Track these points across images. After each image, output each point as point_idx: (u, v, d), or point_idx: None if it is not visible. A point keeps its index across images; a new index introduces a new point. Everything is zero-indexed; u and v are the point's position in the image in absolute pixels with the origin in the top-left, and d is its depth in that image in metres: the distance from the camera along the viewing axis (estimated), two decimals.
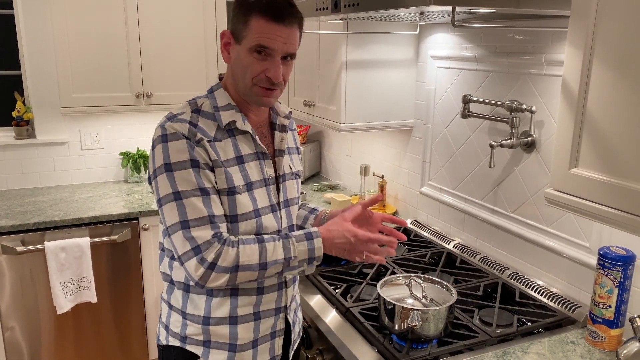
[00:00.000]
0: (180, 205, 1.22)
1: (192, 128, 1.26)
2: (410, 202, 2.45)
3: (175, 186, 1.22)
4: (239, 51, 1.27)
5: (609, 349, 1.43)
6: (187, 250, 1.22)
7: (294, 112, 2.80)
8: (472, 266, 1.93)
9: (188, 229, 1.22)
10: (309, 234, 1.31)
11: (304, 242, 1.29)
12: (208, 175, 1.25)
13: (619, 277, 1.39)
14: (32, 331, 2.63)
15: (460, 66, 2.03)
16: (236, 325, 1.35)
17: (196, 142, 1.25)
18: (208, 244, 1.22)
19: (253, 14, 1.23)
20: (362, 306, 1.60)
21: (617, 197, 1.03)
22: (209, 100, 1.34)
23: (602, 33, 1.03)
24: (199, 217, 1.22)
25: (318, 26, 2.40)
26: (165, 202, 1.24)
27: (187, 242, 1.21)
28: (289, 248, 1.28)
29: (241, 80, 1.29)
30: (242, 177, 1.31)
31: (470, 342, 1.42)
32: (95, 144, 3.19)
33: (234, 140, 1.32)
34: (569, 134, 1.12)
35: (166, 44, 2.91)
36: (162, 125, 1.26)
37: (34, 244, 2.52)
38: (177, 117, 1.27)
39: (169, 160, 1.23)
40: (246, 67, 1.27)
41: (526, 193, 1.79)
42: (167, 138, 1.24)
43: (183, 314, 1.36)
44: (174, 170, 1.23)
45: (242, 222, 1.30)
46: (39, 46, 2.95)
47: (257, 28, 1.23)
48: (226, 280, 1.23)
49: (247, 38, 1.24)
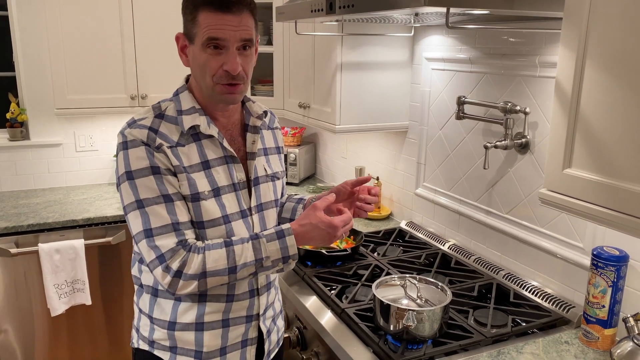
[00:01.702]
0: (144, 214, 1.20)
1: (152, 134, 1.23)
2: (405, 204, 2.45)
3: (137, 194, 1.20)
4: (194, 51, 1.24)
5: (603, 348, 1.43)
6: (153, 259, 1.20)
7: (289, 113, 2.80)
8: (466, 267, 1.93)
9: (151, 238, 1.20)
10: (280, 232, 1.26)
11: (275, 242, 1.25)
12: (171, 181, 1.23)
13: (613, 277, 1.40)
14: (26, 334, 2.61)
15: (455, 68, 2.03)
16: (202, 331, 1.32)
17: (155, 148, 1.22)
18: (172, 252, 1.19)
19: (199, 9, 1.21)
20: (357, 307, 1.61)
21: (610, 197, 1.04)
22: (174, 103, 1.30)
23: (595, 35, 1.04)
24: (162, 225, 1.20)
25: (313, 28, 2.41)
26: (129, 210, 1.22)
27: (152, 250, 1.20)
28: (259, 249, 1.24)
29: (202, 81, 1.26)
30: (209, 183, 1.27)
31: (465, 343, 1.42)
32: (90, 145, 3.18)
33: (198, 145, 1.28)
34: (562, 135, 1.13)
35: (161, 46, 2.90)
36: (122, 132, 1.24)
37: (28, 246, 2.51)
38: (137, 123, 1.24)
39: (130, 168, 1.21)
40: (203, 66, 1.23)
41: (520, 194, 1.79)
42: (127, 145, 1.22)
43: (150, 318, 1.34)
44: (135, 178, 1.20)
45: (210, 228, 1.27)
46: (33, 48, 2.94)
47: (205, 21, 1.20)
48: (196, 287, 1.21)
49: (198, 35, 1.22)
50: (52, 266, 2.50)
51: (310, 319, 1.64)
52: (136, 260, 1.37)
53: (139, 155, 1.21)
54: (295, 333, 1.77)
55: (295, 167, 3.13)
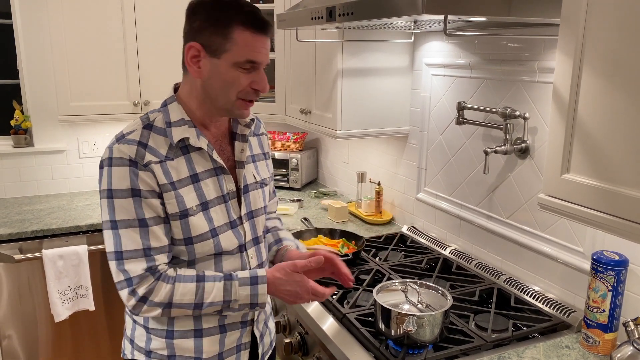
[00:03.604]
0: (116, 235, 1.19)
1: (141, 149, 1.20)
2: (407, 209, 2.46)
3: (113, 214, 1.19)
4: (217, 66, 1.20)
5: (604, 353, 1.44)
6: (120, 281, 1.21)
7: (291, 119, 2.81)
8: (467, 272, 1.94)
9: (121, 261, 1.19)
10: (254, 279, 1.27)
11: (247, 287, 1.26)
12: (151, 204, 1.20)
13: (613, 282, 1.40)
14: (30, 339, 2.63)
15: (455, 74, 2.05)
16: (201, 338, 1.31)
17: (144, 165, 1.19)
18: (140, 277, 1.19)
19: (235, 26, 1.17)
20: (358, 312, 1.61)
21: (608, 202, 1.04)
22: (162, 114, 1.27)
23: (592, 40, 1.05)
24: (133, 249, 1.19)
25: (314, 35, 2.42)
26: (105, 228, 1.21)
27: (120, 273, 1.20)
28: (230, 290, 1.24)
29: (222, 95, 1.23)
30: (197, 197, 1.26)
31: (466, 347, 1.43)
32: (93, 152, 3.20)
33: (187, 158, 1.26)
34: (560, 140, 1.14)
35: (163, 53, 2.92)
36: (110, 147, 1.21)
37: (31, 252, 2.53)
38: (126, 138, 1.21)
39: (111, 186, 1.19)
40: (231, 83, 1.21)
41: (520, 199, 1.80)
42: (112, 162, 1.19)
43: (146, 328, 1.33)
44: (114, 197, 1.19)
45: (198, 243, 1.27)
46: (37, 55, 2.97)
47: (243, 41, 1.18)
48: (159, 314, 1.22)
49: (230, 52, 1.18)
50: (56, 272, 2.52)
51: (312, 324, 1.65)
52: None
53: (121, 175, 1.18)
54: (296, 338, 1.77)
55: (297, 172, 3.14)
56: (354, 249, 2.08)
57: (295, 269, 1.30)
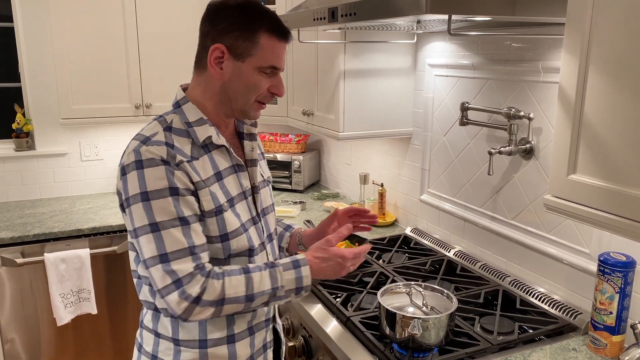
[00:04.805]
0: (158, 237, 1.14)
1: (170, 150, 1.18)
2: (410, 210, 2.45)
3: (152, 217, 1.14)
4: (240, 68, 1.22)
5: (611, 355, 1.42)
6: (168, 284, 1.14)
7: (293, 120, 2.81)
8: (472, 274, 1.92)
9: (168, 263, 1.14)
10: (296, 262, 1.25)
11: (291, 271, 1.24)
12: (189, 202, 1.18)
13: (620, 283, 1.38)
14: (32, 343, 2.62)
15: (458, 74, 2.03)
16: (234, 343, 1.30)
17: (176, 165, 1.17)
18: (190, 276, 1.15)
19: (262, 31, 1.20)
20: (362, 315, 1.60)
21: (615, 203, 1.03)
22: (178, 115, 1.26)
23: (598, 40, 1.04)
24: (179, 249, 1.15)
25: (316, 36, 2.41)
26: (142, 233, 1.16)
27: (167, 275, 1.14)
28: (276, 277, 1.22)
29: (242, 97, 1.25)
30: (224, 194, 1.26)
31: (472, 350, 1.41)
32: (95, 155, 3.20)
33: (210, 157, 1.26)
34: (566, 141, 1.13)
35: (165, 55, 2.92)
36: (136, 150, 1.17)
37: (33, 256, 2.52)
38: (152, 140, 1.18)
39: (146, 188, 1.14)
40: (252, 86, 1.24)
41: (525, 200, 1.79)
42: (143, 164, 1.15)
43: (175, 341, 1.28)
44: (151, 199, 1.14)
45: (233, 239, 1.26)
46: (38, 59, 2.96)
47: (269, 47, 1.21)
48: (211, 314, 1.18)
49: (256, 57, 1.21)
50: (58, 276, 2.51)
51: (316, 327, 1.64)
52: (143, 284, 1.30)
53: (158, 175, 1.15)
54: (300, 342, 1.76)
55: (299, 174, 3.13)
56: None
57: (329, 244, 1.30)
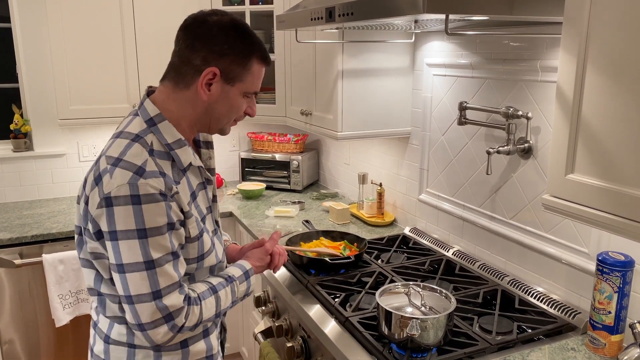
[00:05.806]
0: (153, 275, 1.11)
1: (166, 180, 1.13)
2: (409, 210, 2.44)
3: (148, 254, 1.11)
4: (228, 92, 1.23)
5: (610, 355, 1.42)
6: (157, 319, 1.13)
7: (291, 120, 2.80)
8: (471, 273, 1.92)
9: (160, 299, 1.12)
10: (246, 273, 1.36)
11: (244, 283, 1.35)
12: (179, 235, 1.17)
13: (618, 283, 1.38)
14: (31, 344, 2.61)
15: (456, 73, 2.03)
16: (209, 337, 1.33)
17: (171, 196, 1.14)
18: (180, 309, 1.15)
19: (254, 59, 1.23)
20: (361, 315, 1.60)
21: (613, 203, 1.03)
22: (155, 136, 1.19)
23: (595, 39, 1.04)
24: (170, 283, 1.14)
25: (314, 35, 2.41)
26: (134, 270, 1.11)
27: (159, 311, 1.13)
28: (235, 291, 1.31)
29: (224, 118, 1.28)
30: (199, 214, 1.26)
31: (470, 350, 1.41)
32: (93, 155, 3.19)
33: (186, 177, 1.24)
34: (564, 140, 1.12)
35: (162, 55, 2.91)
36: (132, 184, 1.09)
37: (32, 257, 2.51)
38: (148, 171, 1.12)
39: (144, 225, 1.09)
40: (235, 108, 1.27)
41: (524, 199, 1.78)
42: (141, 200, 1.09)
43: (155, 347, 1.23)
44: (149, 236, 1.10)
45: (207, 258, 1.28)
46: (36, 59, 2.96)
47: (258, 75, 1.26)
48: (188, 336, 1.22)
49: (244, 82, 1.24)
50: (56, 277, 2.50)
51: (314, 327, 1.63)
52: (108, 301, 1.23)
53: (158, 212, 1.10)
54: (298, 342, 1.76)
55: (298, 174, 3.13)
56: (356, 251, 2.07)
57: (267, 252, 1.49)
